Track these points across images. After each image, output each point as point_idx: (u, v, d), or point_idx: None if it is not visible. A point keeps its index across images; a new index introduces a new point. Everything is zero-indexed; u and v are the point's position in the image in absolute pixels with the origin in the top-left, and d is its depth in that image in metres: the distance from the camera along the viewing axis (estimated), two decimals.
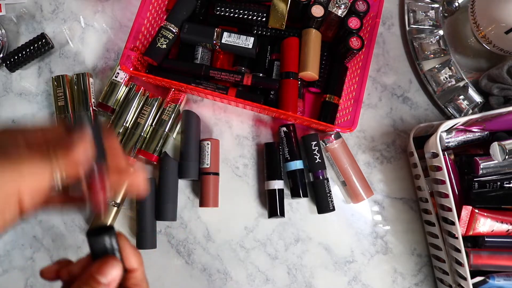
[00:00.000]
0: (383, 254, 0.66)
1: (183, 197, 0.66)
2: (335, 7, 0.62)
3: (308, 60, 0.63)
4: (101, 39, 0.70)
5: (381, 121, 0.69)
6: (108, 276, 0.28)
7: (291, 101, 0.63)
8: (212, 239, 0.65)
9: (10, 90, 0.69)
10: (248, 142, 0.68)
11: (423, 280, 0.65)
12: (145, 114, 0.65)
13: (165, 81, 0.61)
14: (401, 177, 0.68)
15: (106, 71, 0.69)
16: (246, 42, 0.62)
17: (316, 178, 0.63)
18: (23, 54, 0.66)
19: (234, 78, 0.63)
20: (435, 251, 0.63)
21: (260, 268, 0.65)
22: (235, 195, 0.66)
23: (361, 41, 0.61)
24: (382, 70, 0.70)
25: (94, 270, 0.28)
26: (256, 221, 0.66)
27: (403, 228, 0.66)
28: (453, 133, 0.59)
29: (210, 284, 0.65)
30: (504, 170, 0.56)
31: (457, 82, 0.68)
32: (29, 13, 0.71)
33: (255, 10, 0.63)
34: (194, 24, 0.64)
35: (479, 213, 0.55)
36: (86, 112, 0.65)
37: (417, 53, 0.69)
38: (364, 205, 0.67)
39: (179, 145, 0.66)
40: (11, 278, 0.65)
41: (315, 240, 0.66)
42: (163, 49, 0.63)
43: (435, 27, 0.70)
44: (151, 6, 0.63)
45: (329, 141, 0.64)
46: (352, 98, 0.62)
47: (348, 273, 0.65)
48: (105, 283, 0.28)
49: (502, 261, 0.56)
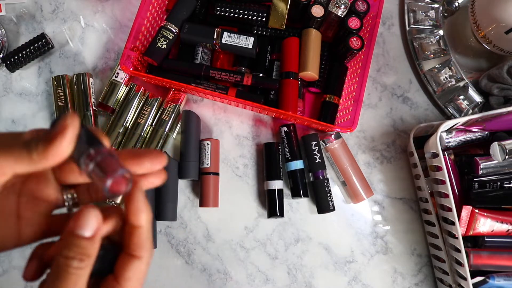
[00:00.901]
0: (383, 254, 0.66)
1: (183, 197, 0.66)
2: (335, 7, 0.62)
3: (308, 60, 0.63)
4: (101, 39, 0.70)
5: (381, 121, 0.69)
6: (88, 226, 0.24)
7: (291, 101, 0.63)
8: (212, 239, 0.65)
9: (10, 90, 0.69)
10: (248, 142, 0.68)
11: (423, 280, 0.65)
12: (145, 114, 0.65)
13: (165, 81, 0.61)
14: (401, 177, 0.68)
15: (106, 71, 0.69)
16: (246, 42, 0.62)
17: (316, 178, 0.63)
18: (23, 54, 0.66)
19: (234, 78, 0.63)
20: (435, 251, 0.63)
21: (260, 268, 0.65)
22: (235, 195, 0.66)
23: (361, 41, 0.61)
24: (382, 70, 0.70)
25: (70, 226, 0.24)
26: (256, 221, 0.66)
27: (403, 228, 0.66)
28: (453, 133, 0.59)
29: (210, 284, 0.65)
30: (504, 170, 0.56)
31: (457, 82, 0.68)
32: (29, 13, 0.71)
33: (255, 10, 0.63)
34: (194, 24, 0.64)
35: (479, 213, 0.55)
36: (86, 112, 0.65)
37: (417, 53, 0.69)
38: (364, 205, 0.67)
39: (179, 145, 0.66)
40: (11, 278, 0.65)
41: (315, 240, 0.66)
42: (163, 49, 0.63)
43: (435, 27, 0.70)
44: (151, 6, 0.63)
45: (329, 141, 0.64)
46: (352, 98, 0.62)
47: (348, 273, 0.65)
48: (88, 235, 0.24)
49: (502, 261, 0.56)
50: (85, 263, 0.24)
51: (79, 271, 0.23)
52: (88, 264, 0.24)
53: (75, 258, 0.23)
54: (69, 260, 0.23)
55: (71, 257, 0.23)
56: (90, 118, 0.65)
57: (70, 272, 0.23)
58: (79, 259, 0.23)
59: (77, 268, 0.23)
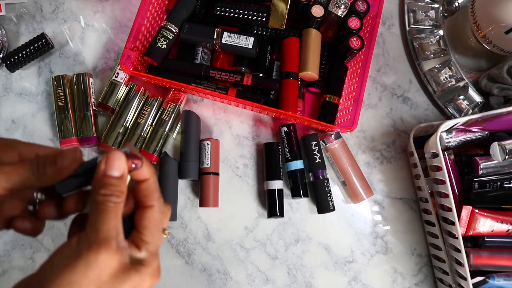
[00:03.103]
0: (383, 254, 0.66)
1: (183, 197, 0.66)
2: (335, 7, 0.62)
3: (308, 60, 0.63)
4: (101, 39, 0.70)
5: (381, 121, 0.69)
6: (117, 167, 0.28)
7: (291, 101, 0.63)
8: (212, 239, 0.65)
9: (10, 90, 0.69)
10: (248, 142, 0.68)
11: (423, 280, 0.65)
12: (145, 114, 0.65)
13: (165, 81, 0.61)
14: (401, 177, 0.68)
15: (106, 71, 0.69)
16: (246, 42, 0.62)
17: (316, 178, 0.63)
18: (23, 54, 0.66)
19: (234, 78, 0.63)
20: (435, 251, 0.63)
21: (260, 268, 0.65)
22: (235, 195, 0.66)
23: (361, 41, 0.61)
24: (382, 70, 0.70)
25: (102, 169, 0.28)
26: (256, 221, 0.66)
27: (403, 228, 0.66)
28: (453, 133, 0.59)
29: (210, 284, 0.65)
30: (504, 170, 0.56)
31: (457, 82, 0.68)
32: (29, 13, 0.71)
33: (255, 10, 0.63)
34: (194, 24, 0.64)
35: (479, 213, 0.55)
36: (86, 112, 0.65)
37: (417, 53, 0.69)
38: (364, 205, 0.67)
39: (179, 145, 0.66)
40: (11, 278, 0.65)
41: (315, 240, 0.66)
42: (163, 49, 0.63)
43: (435, 27, 0.70)
44: (151, 6, 0.63)
45: (329, 141, 0.64)
46: (352, 98, 0.62)
47: (348, 273, 0.65)
48: (118, 175, 0.28)
49: (502, 261, 0.56)
50: (121, 199, 0.28)
51: (117, 205, 0.28)
52: (123, 199, 0.28)
53: (113, 195, 0.27)
54: (107, 197, 0.27)
55: (108, 194, 0.27)
56: (90, 118, 0.65)
57: (110, 206, 0.27)
58: (116, 196, 0.28)
59: (115, 203, 0.27)
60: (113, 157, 0.28)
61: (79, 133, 0.65)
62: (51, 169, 0.29)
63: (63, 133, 0.64)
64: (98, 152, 0.67)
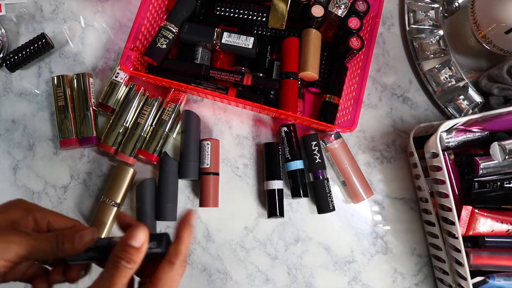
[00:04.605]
0: (383, 254, 0.66)
1: (183, 197, 0.66)
2: (335, 7, 0.62)
3: (308, 60, 0.63)
4: (101, 39, 0.70)
5: (381, 121, 0.69)
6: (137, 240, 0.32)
7: (291, 101, 0.63)
8: (212, 239, 0.65)
9: (10, 90, 0.69)
10: (248, 142, 0.68)
11: (423, 280, 0.65)
12: (145, 114, 0.65)
13: (165, 81, 0.61)
14: (401, 177, 0.68)
15: (106, 71, 0.69)
16: (246, 42, 0.62)
17: (316, 178, 0.63)
18: (23, 54, 0.66)
19: (234, 78, 0.63)
20: (435, 251, 0.63)
21: (260, 268, 0.65)
22: (235, 195, 0.66)
23: (361, 41, 0.61)
24: (382, 70, 0.70)
25: (125, 236, 0.32)
26: (256, 221, 0.66)
27: (403, 228, 0.66)
28: (453, 133, 0.59)
29: (210, 284, 0.65)
30: (504, 170, 0.56)
31: (457, 82, 0.68)
32: (29, 13, 0.71)
33: (255, 10, 0.63)
34: (194, 24, 0.64)
35: (479, 213, 0.55)
36: (86, 112, 0.65)
37: (417, 53, 0.69)
38: (364, 205, 0.67)
39: (179, 145, 0.66)
40: None
41: (315, 240, 0.66)
42: (163, 49, 0.63)
43: (435, 27, 0.70)
44: (151, 6, 0.63)
45: (329, 141, 0.64)
46: (352, 98, 0.62)
47: (348, 273, 0.65)
48: (137, 246, 0.32)
49: (502, 261, 0.56)
50: (131, 266, 0.32)
51: (126, 269, 0.32)
52: (133, 267, 0.32)
53: (125, 259, 0.32)
54: (120, 259, 0.32)
55: (121, 258, 0.32)
56: (90, 118, 0.65)
57: (120, 268, 0.31)
58: (127, 261, 0.32)
59: (124, 266, 0.31)
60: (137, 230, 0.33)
61: (79, 133, 0.65)
62: (68, 246, 0.33)
63: (63, 133, 0.64)
64: (98, 152, 0.67)
